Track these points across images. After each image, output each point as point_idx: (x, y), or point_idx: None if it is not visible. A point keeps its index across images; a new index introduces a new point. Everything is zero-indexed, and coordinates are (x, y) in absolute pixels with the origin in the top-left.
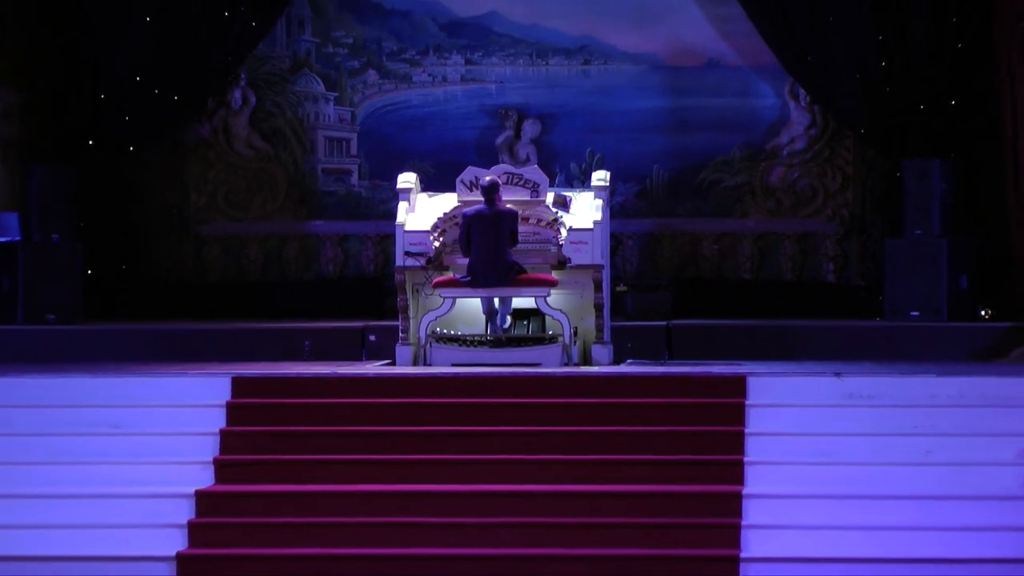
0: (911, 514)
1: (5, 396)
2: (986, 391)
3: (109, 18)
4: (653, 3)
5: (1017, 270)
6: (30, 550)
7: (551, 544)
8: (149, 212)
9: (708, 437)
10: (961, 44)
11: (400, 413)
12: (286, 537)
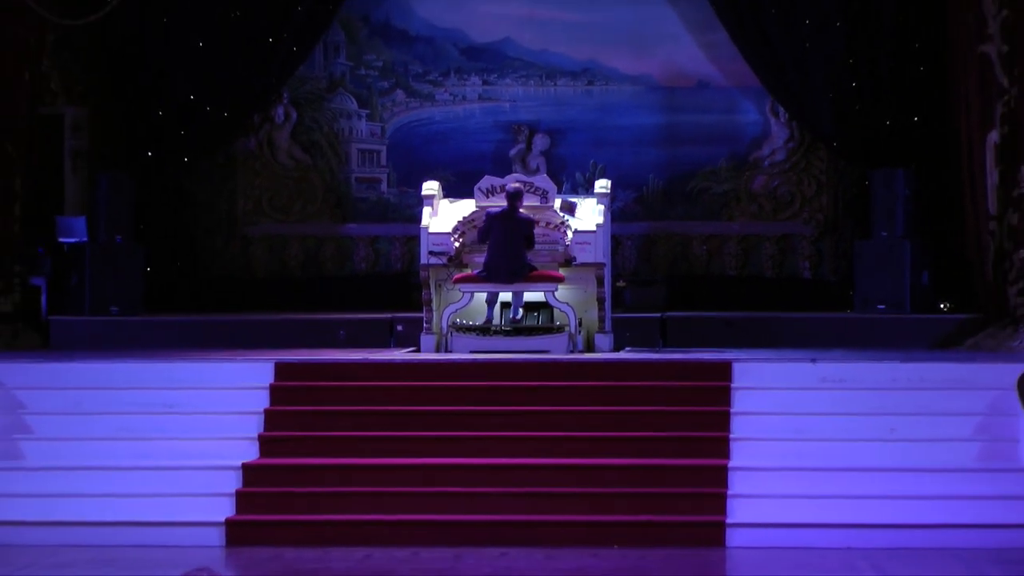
0: (878, 484)
1: (74, 379)
2: (944, 375)
3: (167, 44)
4: (649, 31)
5: (972, 268)
6: (96, 516)
7: (558, 511)
8: (202, 216)
9: (698, 416)
10: (922, 68)
11: (424, 394)
12: (323, 505)
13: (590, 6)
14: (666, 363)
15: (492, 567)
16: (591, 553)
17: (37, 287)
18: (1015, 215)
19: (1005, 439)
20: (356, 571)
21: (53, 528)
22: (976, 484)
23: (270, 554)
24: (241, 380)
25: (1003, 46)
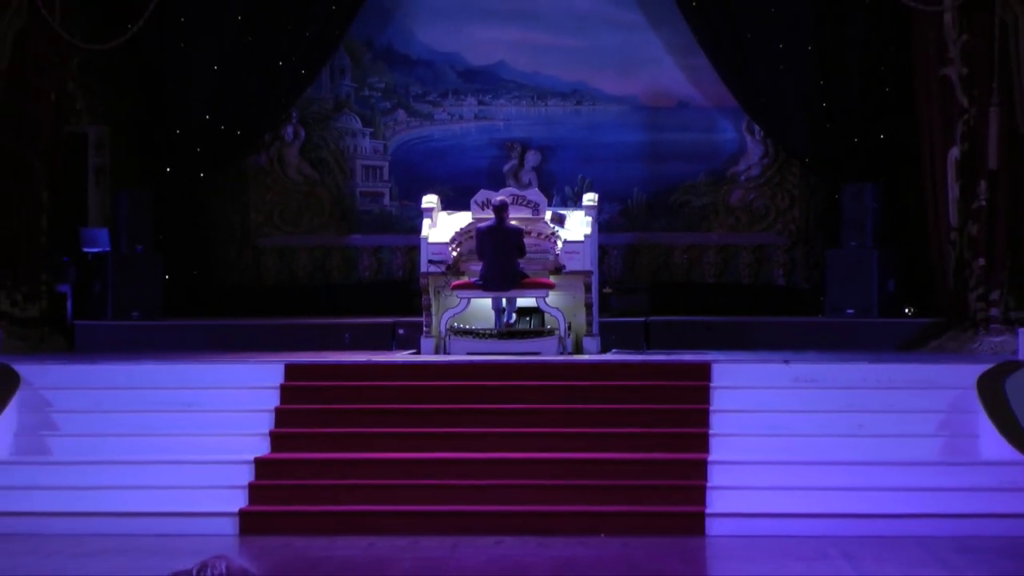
0: (848, 477)
1: (97, 380)
2: (909, 375)
3: (183, 67)
4: (634, 55)
5: (935, 275)
6: (118, 507)
7: (549, 503)
8: (216, 228)
9: (679, 413)
10: (888, 89)
11: (424, 393)
12: (330, 497)
13: (579, 32)
14: (649, 364)
15: (488, 555)
16: (580, 542)
17: (63, 294)
18: (974, 226)
19: (966, 435)
20: (360, 558)
21: (77, 519)
22: (939, 477)
23: (281, 542)
24: (253, 380)
25: (963, 69)
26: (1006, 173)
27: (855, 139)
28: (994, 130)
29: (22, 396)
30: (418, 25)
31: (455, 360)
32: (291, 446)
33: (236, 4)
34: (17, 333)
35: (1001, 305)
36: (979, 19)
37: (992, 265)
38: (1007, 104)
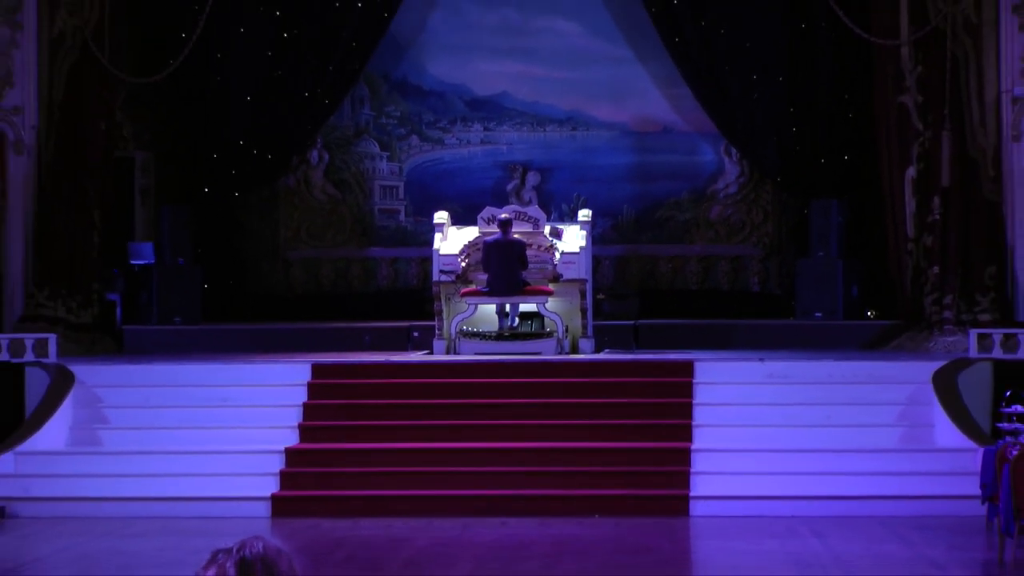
0: (816, 463)
1: (143, 378)
2: (871, 371)
3: (219, 98)
4: (623, 86)
5: (894, 282)
6: (163, 493)
7: (549, 487)
8: (250, 242)
9: (665, 406)
10: (851, 115)
11: (436, 389)
12: (353, 482)
13: (574, 65)
14: (638, 362)
15: (494, 534)
16: (576, 522)
17: (113, 302)
18: (929, 238)
19: (922, 425)
20: (380, 537)
21: (127, 503)
22: (898, 462)
23: (309, 524)
24: (283, 378)
25: (918, 97)
26: (957, 190)
27: (822, 160)
28: (946, 152)
29: (76, 393)
30: (429, 59)
31: (464, 359)
32: (318, 437)
33: (266, 41)
34: (72, 337)
35: (953, 309)
36: (933, 53)
37: (945, 273)
38: (958, 129)
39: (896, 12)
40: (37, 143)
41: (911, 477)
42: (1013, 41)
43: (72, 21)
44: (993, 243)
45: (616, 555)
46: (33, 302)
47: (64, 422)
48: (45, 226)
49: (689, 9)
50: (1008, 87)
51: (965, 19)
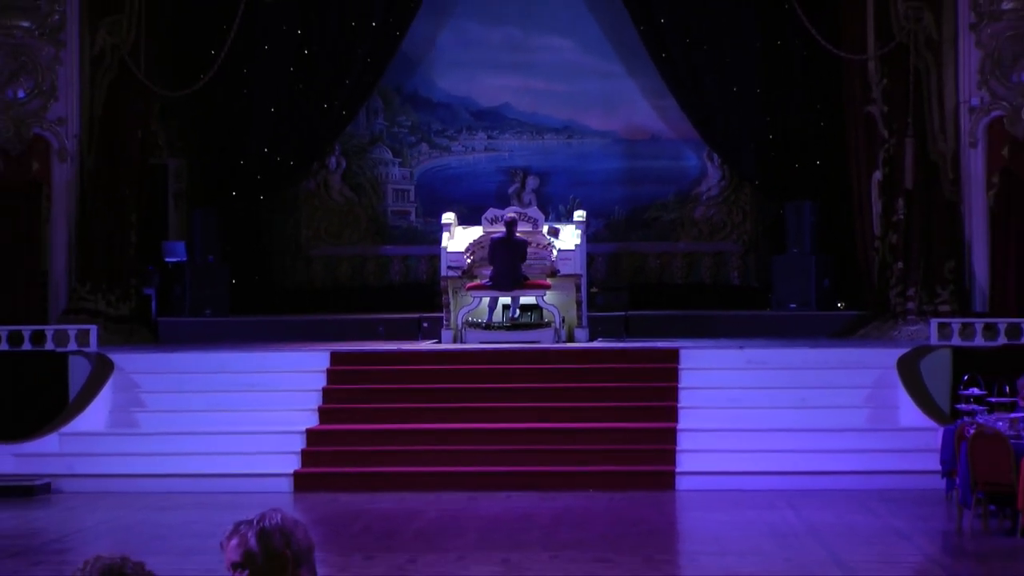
0: (792, 441)
1: (176, 366)
2: (842, 358)
3: (245, 109)
4: (614, 97)
5: (862, 276)
6: (194, 469)
7: (548, 464)
8: (273, 241)
9: (653, 390)
10: (822, 123)
11: (444, 375)
12: (368, 460)
13: (570, 79)
14: (629, 350)
15: (499, 507)
16: (573, 496)
17: (148, 296)
18: (894, 235)
19: (888, 406)
20: (394, 510)
21: (161, 479)
22: (866, 440)
23: (328, 498)
24: (304, 365)
25: (884, 107)
26: (920, 192)
27: (796, 165)
28: (909, 157)
29: (115, 379)
30: (438, 74)
31: (470, 348)
32: (336, 419)
33: (289, 57)
34: (111, 328)
35: (916, 300)
36: (897, 67)
37: (908, 268)
38: (920, 136)
39: (863, 29)
40: (79, 151)
41: (877, 454)
42: (970, 56)
43: (111, 40)
44: (952, 240)
45: (609, 525)
46: (76, 296)
47: (104, 406)
48: (86, 227)
49: (674, 28)
50: (966, 98)
51: (927, 36)
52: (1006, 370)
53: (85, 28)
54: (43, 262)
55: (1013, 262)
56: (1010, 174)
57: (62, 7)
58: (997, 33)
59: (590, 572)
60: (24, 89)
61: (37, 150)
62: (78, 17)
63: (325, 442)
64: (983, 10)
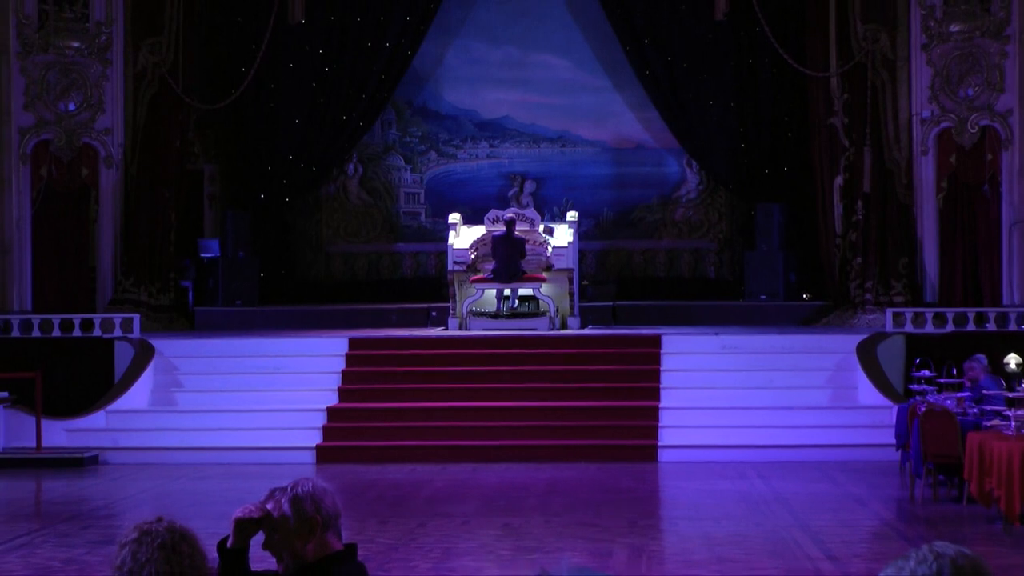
0: (761, 418)
1: (211, 350)
2: (806, 343)
3: (272, 121)
4: (603, 110)
5: (824, 270)
6: (226, 443)
7: (543, 438)
8: (297, 239)
9: (638, 372)
10: (790, 133)
11: (451, 358)
12: (382, 434)
13: (563, 94)
14: (616, 336)
15: (499, 476)
16: (566, 466)
17: (185, 288)
18: (853, 234)
19: (847, 387)
20: (405, 480)
21: (198, 452)
22: (828, 417)
23: (346, 469)
24: (326, 350)
25: (844, 119)
26: (877, 195)
27: (765, 171)
28: (867, 163)
29: (156, 362)
30: (445, 89)
31: (473, 334)
32: (354, 398)
33: (311, 74)
34: (152, 317)
35: (873, 292)
36: (856, 82)
37: (867, 263)
38: (877, 145)
39: (826, 49)
40: (123, 158)
41: (838, 429)
42: (922, 73)
43: (152, 59)
44: (905, 239)
45: (598, 493)
46: (120, 288)
47: (146, 386)
48: (130, 226)
49: (657, 48)
50: (918, 111)
51: (883, 55)
52: (954, 354)
53: (129, 48)
54: (91, 258)
55: (959, 258)
56: (957, 179)
57: (109, 30)
58: (946, 53)
59: (580, 535)
60: (75, 103)
61: (86, 157)
62: (123, 39)
63: (344, 419)
64: (933, 32)
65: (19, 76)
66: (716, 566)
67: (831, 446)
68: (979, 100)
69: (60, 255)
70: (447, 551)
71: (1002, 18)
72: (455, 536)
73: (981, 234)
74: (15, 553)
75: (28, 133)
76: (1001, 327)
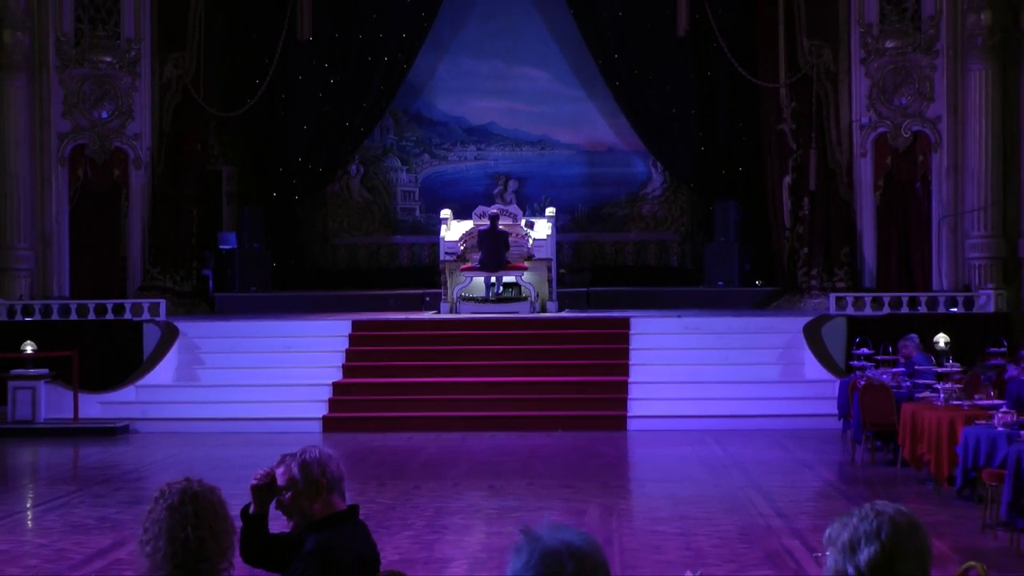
0: (718, 391)
1: (229, 331)
2: (759, 324)
3: (283, 126)
4: (578, 117)
5: (775, 260)
6: (242, 415)
7: (525, 409)
8: (306, 232)
9: (609, 350)
10: (744, 138)
11: (443, 338)
12: (382, 406)
13: (543, 102)
14: (590, 318)
15: (486, 444)
16: (545, 435)
17: (206, 276)
18: (800, 227)
19: (795, 363)
20: (403, 447)
21: (217, 422)
22: (778, 390)
23: (350, 437)
24: (331, 331)
25: (793, 124)
26: (821, 192)
27: (723, 171)
28: (813, 164)
29: (180, 342)
30: (437, 98)
31: (463, 317)
32: (356, 374)
33: (318, 85)
34: (176, 302)
35: (818, 279)
36: (802, 93)
37: (812, 253)
38: (821, 148)
39: (776, 62)
40: (151, 160)
41: (787, 401)
42: (860, 85)
43: (176, 72)
44: (846, 231)
45: (574, 458)
46: (148, 276)
47: (171, 363)
48: (156, 221)
49: (625, 62)
50: (857, 117)
51: (826, 68)
52: (889, 334)
53: (156, 62)
54: (122, 249)
55: (894, 248)
56: (892, 178)
57: (137, 46)
58: (882, 66)
59: (558, 495)
60: (107, 111)
61: (118, 160)
62: (150, 54)
63: (347, 393)
64: (871, 48)
65: (58, 87)
66: (680, 523)
67: (781, 416)
68: (911, 108)
69: (94, 247)
70: (439, 510)
71: (932, 35)
72: (446, 497)
73: (913, 227)
74: (55, 512)
75: (66, 138)
76: (931, 310)
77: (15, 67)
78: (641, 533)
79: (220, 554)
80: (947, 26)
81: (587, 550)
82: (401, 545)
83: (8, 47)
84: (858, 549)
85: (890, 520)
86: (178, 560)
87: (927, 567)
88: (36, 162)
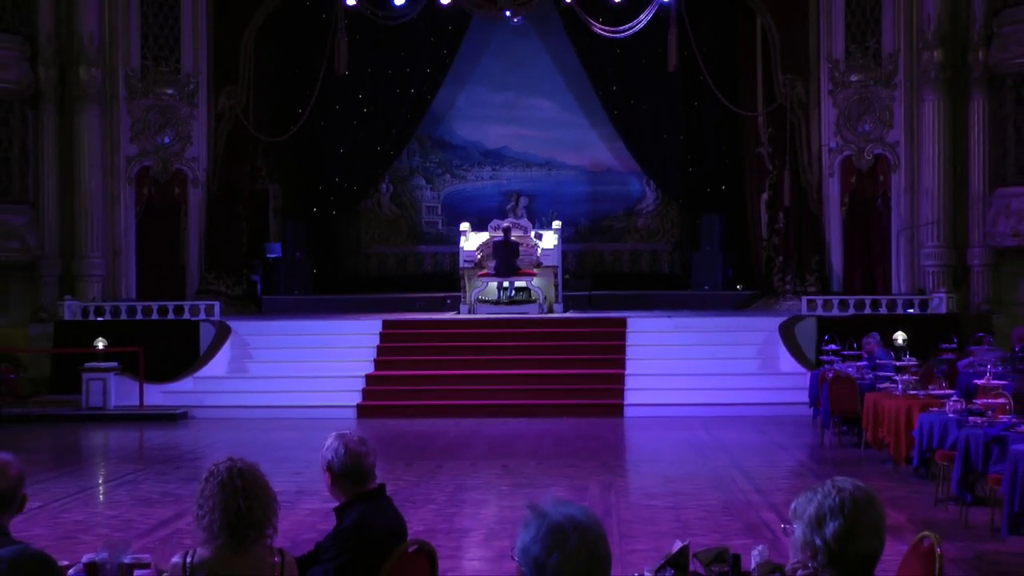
0: (704, 382)
1: (275, 329)
2: (740, 324)
3: (323, 150)
4: (581, 141)
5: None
6: (287, 403)
7: (534, 398)
8: (342, 243)
9: (609, 347)
10: (727, 160)
11: (463, 336)
12: (408, 396)
13: (550, 129)
14: (591, 318)
15: (500, 429)
16: (552, 421)
17: (255, 281)
18: (776, 239)
19: (772, 357)
20: (427, 431)
21: (265, 409)
22: (757, 381)
23: (380, 423)
24: (364, 329)
25: (769, 148)
26: (794, 208)
27: (708, 189)
28: (787, 183)
29: (232, 339)
30: (457, 125)
31: (480, 317)
32: (386, 367)
33: (353, 114)
34: (229, 304)
35: (792, 284)
36: (778, 120)
37: (787, 261)
38: (794, 169)
39: (754, 94)
40: (207, 180)
41: (765, 391)
42: (829, 113)
43: (229, 102)
44: (817, 242)
45: (577, 441)
46: (204, 281)
47: (224, 357)
48: (211, 233)
49: (622, 93)
50: (826, 142)
51: (799, 99)
52: (854, 332)
53: (211, 94)
54: (182, 257)
55: (859, 257)
56: (856, 196)
57: (196, 79)
58: (847, 97)
59: (563, 474)
60: (169, 137)
61: (178, 180)
62: (206, 86)
63: (378, 384)
64: (838, 81)
65: (126, 116)
66: (671, 498)
67: (759, 404)
68: (873, 134)
69: (157, 255)
70: (459, 486)
71: (891, 70)
72: (465, 475)
73: (875, 239)
74: (123, 487)
75: (133, 161)
76: (891, 311)
77: (89, 99)
78: (636, 507)
79: (266, 520)
80: (904, 62)
81: (588, 523)
82: (425, 517)
83: (83, 82)
84: (824, 524)
85: (851, 496)
86: (232, 528)
87: (883, 534)
88: (107, 182)
